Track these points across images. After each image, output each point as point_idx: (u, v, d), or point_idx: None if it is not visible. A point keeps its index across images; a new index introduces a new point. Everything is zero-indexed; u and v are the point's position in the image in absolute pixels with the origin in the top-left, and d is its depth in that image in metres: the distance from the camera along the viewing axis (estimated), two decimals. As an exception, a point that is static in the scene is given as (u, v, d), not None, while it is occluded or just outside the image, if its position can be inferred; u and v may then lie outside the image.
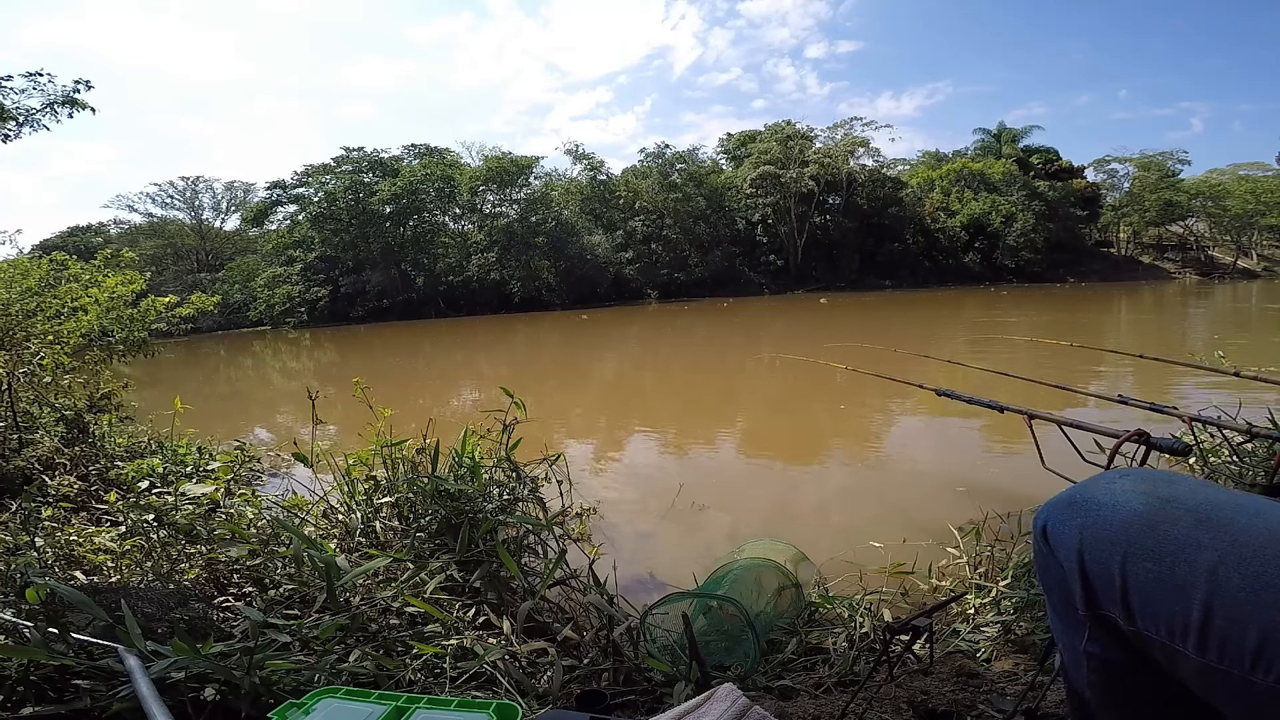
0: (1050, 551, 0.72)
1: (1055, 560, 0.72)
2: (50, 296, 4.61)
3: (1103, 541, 0.66)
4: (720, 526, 3.60)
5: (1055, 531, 0.72)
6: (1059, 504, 0.73)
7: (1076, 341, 3.58)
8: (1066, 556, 0.70)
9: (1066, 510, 0.71)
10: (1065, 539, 0.70)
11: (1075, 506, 0.71)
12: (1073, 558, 0.69)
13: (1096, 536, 0.67)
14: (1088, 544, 0.68)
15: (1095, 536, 0.67)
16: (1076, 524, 0.69)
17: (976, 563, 2.36)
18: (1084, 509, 0.70)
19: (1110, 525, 0.66)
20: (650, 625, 1.83)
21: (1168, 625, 0.61)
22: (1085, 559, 0.68)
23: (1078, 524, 0.69)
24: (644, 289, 34.37)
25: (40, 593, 1.51)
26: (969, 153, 42.42)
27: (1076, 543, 0.69)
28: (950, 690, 1.51)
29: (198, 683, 1.30)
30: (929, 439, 5.49)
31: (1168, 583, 0.60)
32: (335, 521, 2.60)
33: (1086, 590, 0.68)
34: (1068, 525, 0.70)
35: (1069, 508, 0.71)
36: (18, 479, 3.36)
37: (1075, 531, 0.69)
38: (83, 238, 34.50)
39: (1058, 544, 0.71)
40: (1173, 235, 41.71)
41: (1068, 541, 0.70)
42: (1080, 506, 0.70)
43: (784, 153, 35.23)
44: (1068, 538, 0.70)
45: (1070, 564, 0.69)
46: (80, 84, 5.62)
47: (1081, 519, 0.69)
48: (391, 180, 32.11)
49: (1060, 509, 0.72)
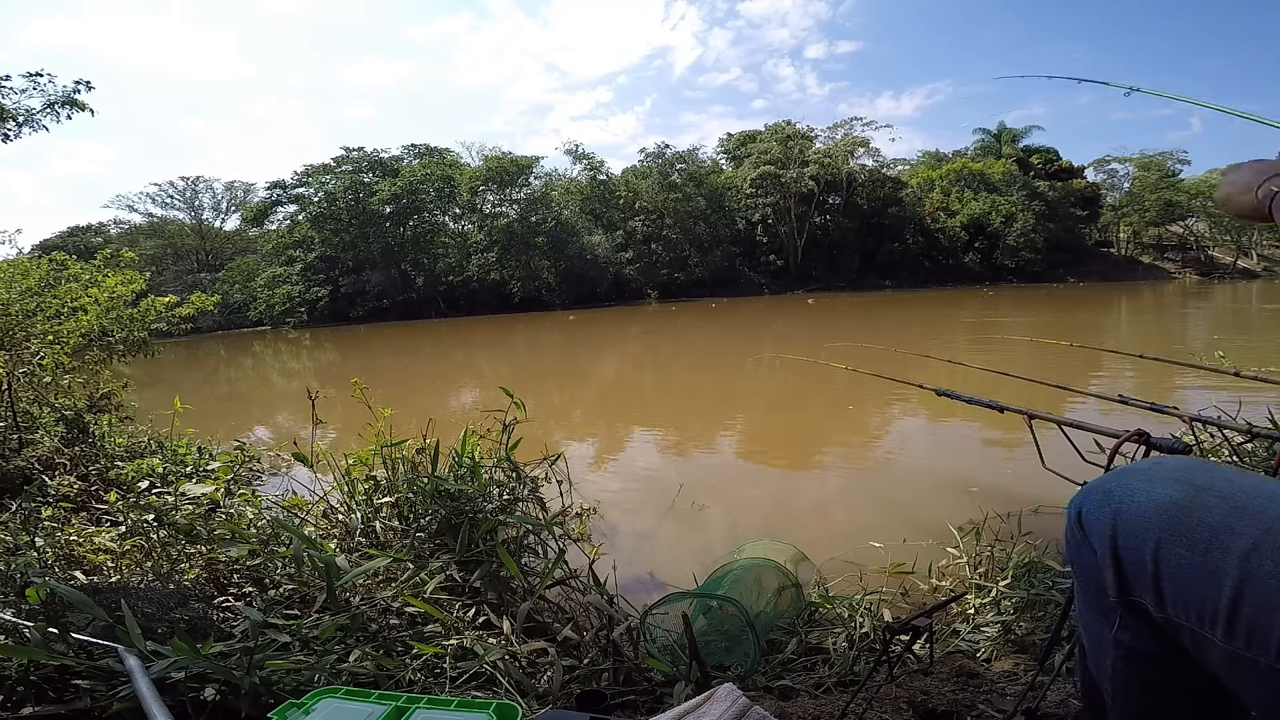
0: (1084, 537, 0.73)
1: (1089, 545, 0.72)
2: (50, 296, 4.61)
3: (1136, 527, 0.67)
4: (720, 526, 3.60)
5: (1090, 517, 0.72)
6: (1095, 490, 0.74)
7: (1076, 342, 3.58)
8: (1100, 542, 0.70)
9: (1102, 496, 0.72)
10: (1099, 524, 0.70)
11: (1110, 494, 0.71)
12: (1105, 543, 0.69)
13: (1130, 522, 0.67)
14: (1121, 529, 0.68)
15: (1129, 522, 0.67)
16: (1111, 509, 0.70)
17: (976, 563, 2.36)
18: (1119, 495, 0.70)
19: (1145, 511, 0.67)
20: (650, 625, 1.83)
21: (1198, 611, 0.61)
22: (1119, 544, 0.68)
23: (1112, 509, 0.70)
24: (644, 289, 34.37)
25: (40, 593, 1.51)
26: (969, 153, 42.42)
27: (1110, 528, 0.69)
28: (950, 690, 1.51)
29: (198, 683, 1.30)
30: (929, 439, 5.49)
31: (1200, 569, 0.60)
32: (335, 521, 2.60)
33: (1119, 575, 0.68)
34: (1102, 510, 0.71)
35: (1104, 494, 0.72)
36: (18, 479, 3.36)
37: (1109, 516, 0.69)
38: (83, 238, 34.52)
39: (1092, 529, 0.72)
40: (1173, 235, 41.70)
41: (1101, 526, 0.70)
42: (1115, 492, 0.71)
43: (784, 153, 35.24)
44: (1101, 523, 0.70)
45: (1103, 549, 0.69)
46: (80, 84, 5.61)
47: (1116, 505, 0.69)
48: (391, 180, 32.12)
49: (1096, 495, 0.73)
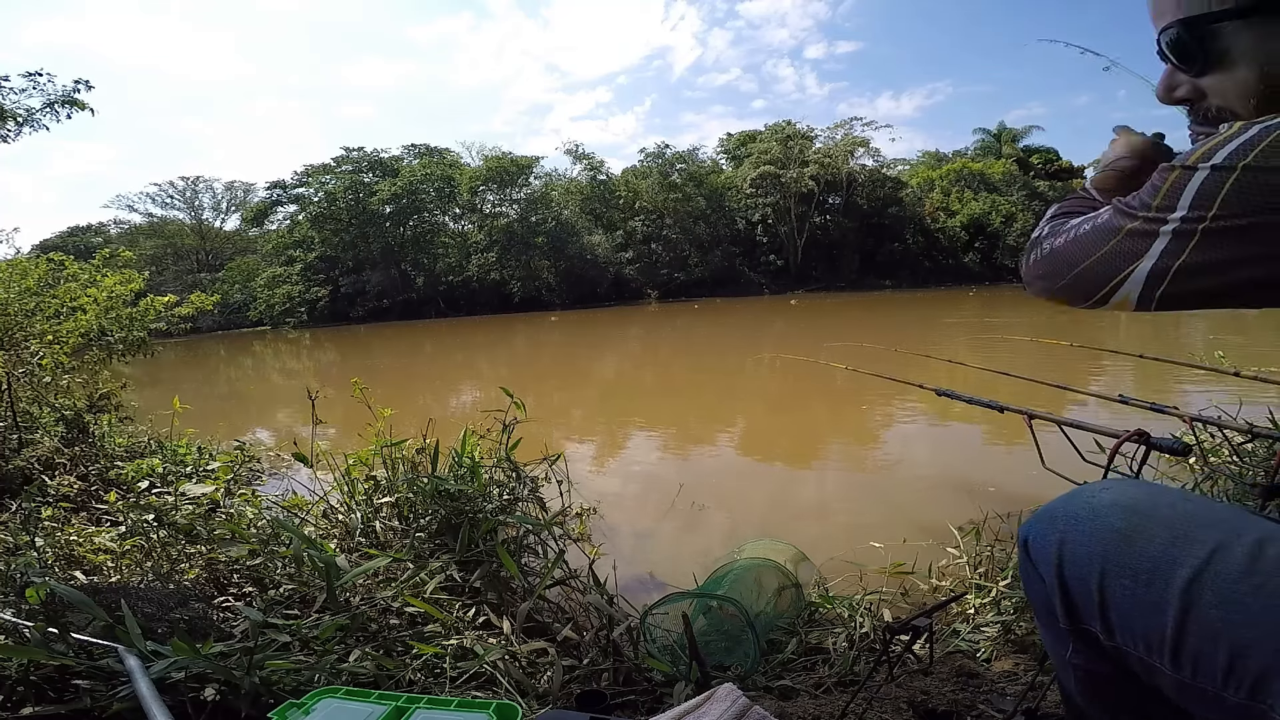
0: (1033, 566, 0.72)
1: (1036, 573, 0.71)
2: (49, 296, 4.61)
3: (1081, 557, 0.66)
4: (720, 526, 3.60)
5: (1036, 545, 0.71)
6: (1041, 517, 0.72)
7: (1077, 342, 3.58)
8: (1046, 570, 0.69)
9: (1047, 524, 0.71)
10: (1045, 553, 0.70)
11: (1055, 520, 0.70)
12: (1052, 572, 0.68)
13: (1074, 552, 0.66)
14: (1067, 559, 0.67)
15: (1074, 552, 0.67)
16: (1055, 538, 0.69)
17: (976, 563, 2.36)
18: (1063, 523, 0.69)
19: (1089, 541, 0.66)
20: (650, 625, 1.83)
21: (1144, 641, 0.61)
22: (1065, 574, 0.67)
23: (1056, 539, 0.68)
24: (644, 289, 34.39)
25: (40, 593, 1.51)
26: (969, 153, 42.47)
27: (1055, 557, 0.68)
28: (950, 690, 1.51)
29: (198, 683, 1.29)
30: (929, 439, 5.49)
31: (1143, 600, 0.60)
32: (335, 521, 2.60)
33: (1067, 605, 0.67)
34: (1048, 539, 0.70)
35: (1049, 522, 0.71)
36: (18, 479, 3.36)
37: (1054, 546, 0.68)
38: (82, 238, 34.56)
39: (1039, 558, 0.71)
40: (1173, 235, 41.70)
41: (1047, 556, 0.69)
42: (1059, 520, 0.69)
43: (784, 153, 35.26)
44: (1047, 552, 0.69)
45: (1050, 578, 0.69)
46: (80, 84, 5.61)
47: (1060, 533, 0.68)
48: (391, 180, 32.14)
49: (1042, 523, 0.72)
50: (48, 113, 5.45)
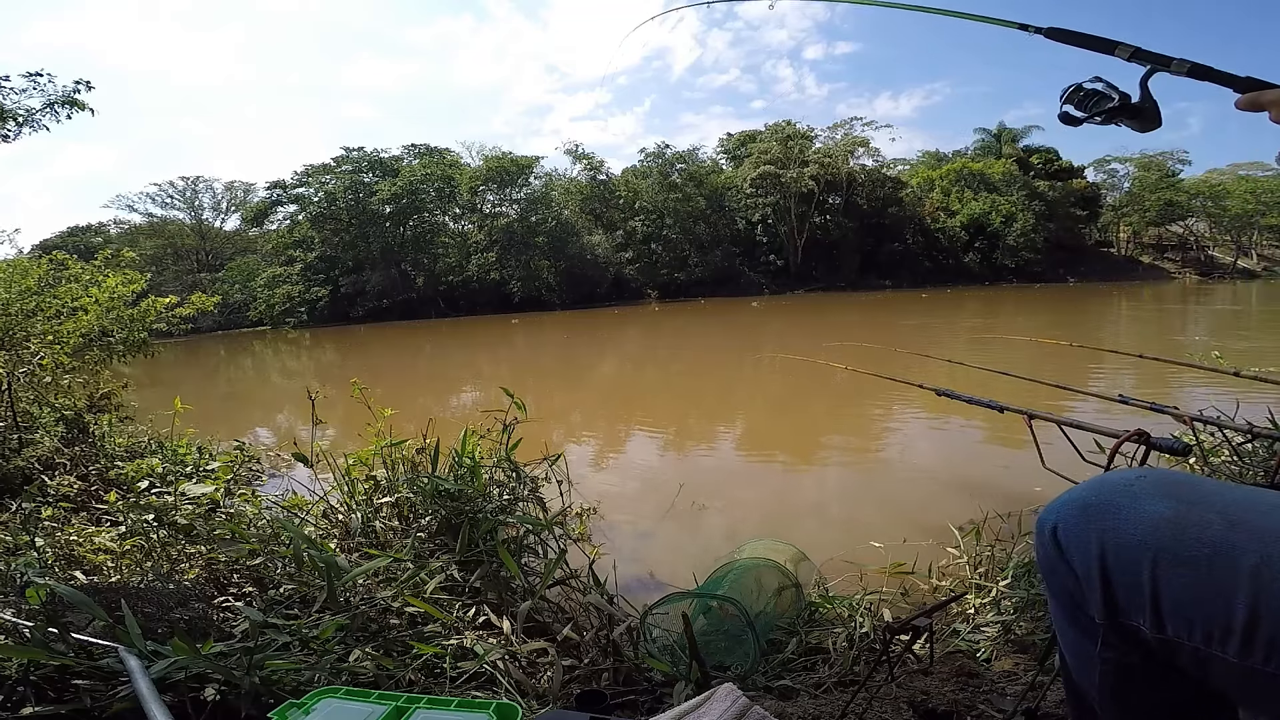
0: (1061, 556, 0.69)
1: (1066, 565, 0.68)
2: (50, 296, 4.61)
3: (1127, 548, 0.63)
4: (720, 526, 3.60)
5: (1069, 535, 0.68)
6: (1070, 506, 0.69)
7: (1076, 341, 3.58)
8: (1083, 562, 0.66)
9: (1080, 514, 0.68)
10: (1082, 544, 0.66)
11: (1090, 510, 0.67)
12: (1092, 564, 0.65)
13: (1120, 543, 0.64)
14: (1111, 550, 0.64)
15: (1119, 543, 0.64)
16: (1096, 529, 0.66)
17: (976, 563, 2.36)
18: (1102, 513, 0.66)
19: (1135, 530, 0.63)
20: (650, 625, 1.83)
21: (1204, 631, 0.59)
22: (1109, 566, 0.64)
23: (1097, 529, 0.66)
24: (644, 289, 34.38)
25: (40, 593, 1.51)
26: (969, 153, 42.41)
27: (1098, 549, 0.65)
28: (950, 690, 1.51)
29: (198, 683, 1.29)
30: (929, 439, 5.49)
31: (1206, 588, 0.59)
32: (335, 521, 2.60)
33: (1108, 598, 0.65)
34: (1085, 530, 0.66)
35: (1083, 511, 0.68)
36: (18, 479, 3.36)
37: (1095, 537, 0.65)
38: (83, 238, 34.50)
39: (1072, 549, 0.67)
40: (1173, 235, 41.72)
41: (1085, 547, 0.66)
42: (1096, 510, 0.67)
43: (784, 153, 35.24)
44: (1085, 543, 0.66)
45: (1088, 571, 0.66)
46: (80, 84, 5.60)
47: (1101, 524, 0.65)
48: (391, 180, 32.12)
49: (1073, 511, 0.68)
50: (48, 113, 5.44)
